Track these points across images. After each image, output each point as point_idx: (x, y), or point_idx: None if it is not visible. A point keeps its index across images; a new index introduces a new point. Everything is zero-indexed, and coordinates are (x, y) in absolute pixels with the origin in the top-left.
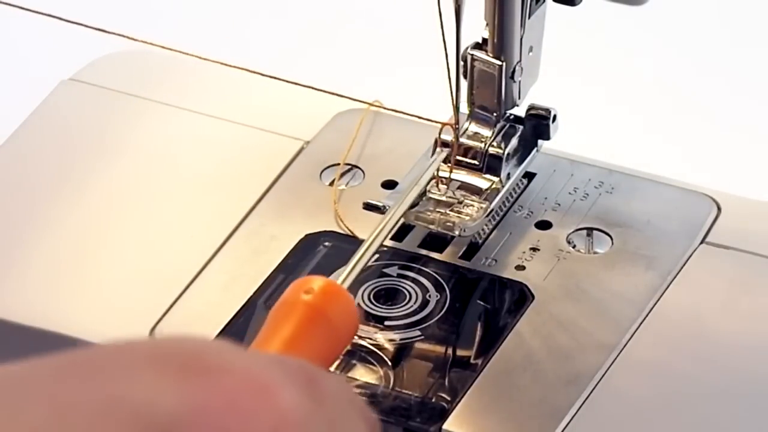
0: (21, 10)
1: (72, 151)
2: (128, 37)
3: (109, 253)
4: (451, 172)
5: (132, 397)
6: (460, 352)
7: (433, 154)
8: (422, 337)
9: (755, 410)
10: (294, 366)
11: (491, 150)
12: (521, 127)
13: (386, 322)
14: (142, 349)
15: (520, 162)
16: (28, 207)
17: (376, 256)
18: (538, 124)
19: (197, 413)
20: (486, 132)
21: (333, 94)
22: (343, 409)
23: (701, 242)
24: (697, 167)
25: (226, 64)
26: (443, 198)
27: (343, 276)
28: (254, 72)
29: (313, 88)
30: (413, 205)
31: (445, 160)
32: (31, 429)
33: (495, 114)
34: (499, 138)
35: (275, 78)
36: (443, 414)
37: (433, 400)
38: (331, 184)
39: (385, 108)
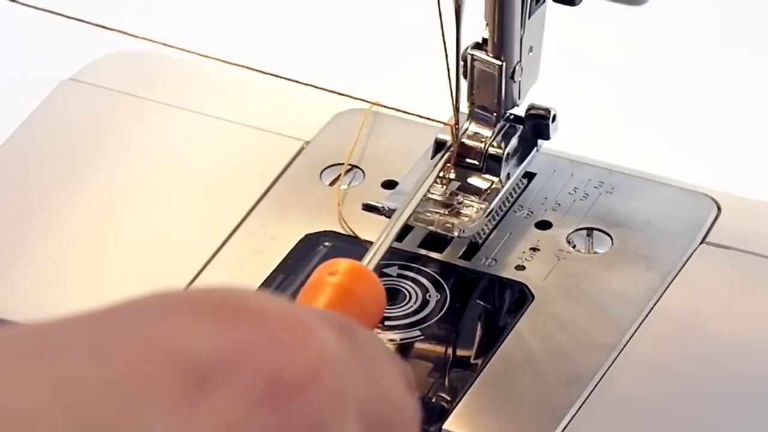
0: (21, 10)
1: (72, 151)
2: (130, 34)
3: (109, 252)
4: (447, 171)
5: (171, 340)
6: (460, 352)
7: (433, 155)
8: (422, 337)
9: (755, 410)
10: (328, 315)
11: (491, 150)
12: (521, 127)
13: (386, 322)
14: (177, 297)
15: (520, 162)
16: (28, 207)
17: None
18: (538, 124)
19: (237, 351)
20: (486, 132)
21: (334, 92)
22: (377, 356)
23: (701, 242)
24: (697, 167)
25: (226, 62)
26: (443, 198)
27: None
28: (254, 69)
29: (313, 86)
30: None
31: (448, 161)
32: (72, 375)
33: (495, 114)
34: (499, 138)
35: (276, 76)
36: (443, 414)
37: (433, 399)
38: (332, 184)
39: (386, 107)
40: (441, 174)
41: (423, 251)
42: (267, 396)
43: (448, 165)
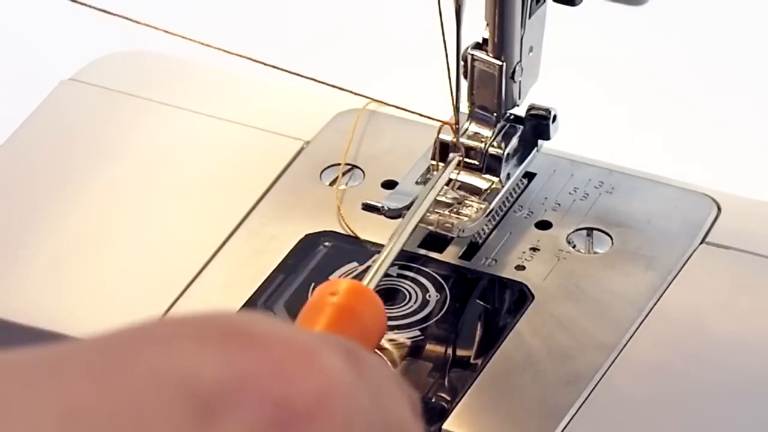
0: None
1: (72, 151)
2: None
3: (110, 252)
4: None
5: (176, 368)
6: (460, 352)
7: (433, 155)
8: (422, 337)
9: (755, 410)
10: (333, 339)
11: (491, 150)
12: (521, 127)
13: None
14: (181, 323)
15: (520, 162)
16: (28, 207)
17: (377, 255)
18: (539, 124)
19: (244, 379)
20: (486, 132)
21: (335, 87)
22: (383, 380)
23: (701, 242)
24: (697, 167)
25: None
26: (443, 198)
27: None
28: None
29: (314, 80)
30: (412, 205)
31: (444, 161)
32: (77, 405)
33: (495, 114)
34: (499, 138)
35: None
36: (443, 414)
37: (433, 399)
38: (332, 184)
39: (386, 104)
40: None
41: (423, 251)
42: (275, 425)
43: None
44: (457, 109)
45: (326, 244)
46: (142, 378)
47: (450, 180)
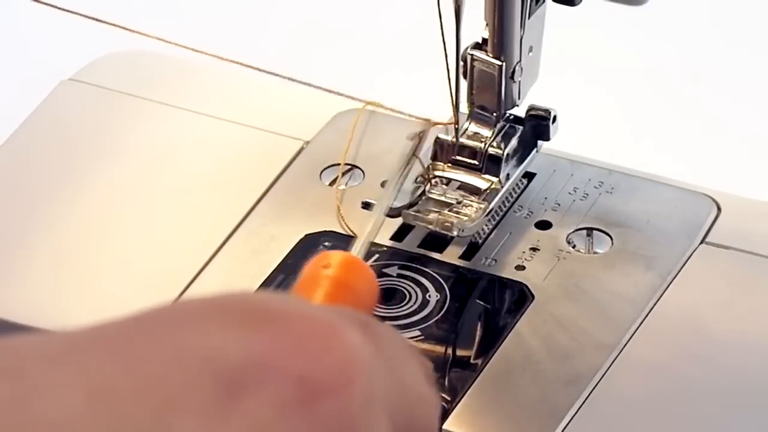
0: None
1: (72, 151)
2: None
3: (109, 252)
4: (427, 170)
5: (200, 347)
6: (459, 352)
7: (433, 155)
8: (422, 337)
9: (755, 410)
10: (349, 313)
11: (491, 150)
12: (521, 127)
13: (386, 322)
14: (203, 303)
15: (520, 162)
16: (28, 207)
17: (376, 255)
18: (538, 124)
19: (267, 355)
20: (486, 132)
21: (332, 92)
22: (399, 352)
23: (701, 242)
24: (696, 167)
25: (225, 60)
26: (442, 198)
27: None
28: (255, 68)
29: (312, 86)
30: (412, 204)
31: (440, 159)
32: (105, 383)
33: (495, 114)
34: (498, 138)
35: (276, 74)
36: (443, 414)
37: None
38: (332, 184)
39: (384, 108)
40: (438, 174)
41: (423, 251)
42: (299, 401)
43: (448, 165)
44: (456, 109)
45: (326, 244)
46: (168, 357)
47: (449, 181)
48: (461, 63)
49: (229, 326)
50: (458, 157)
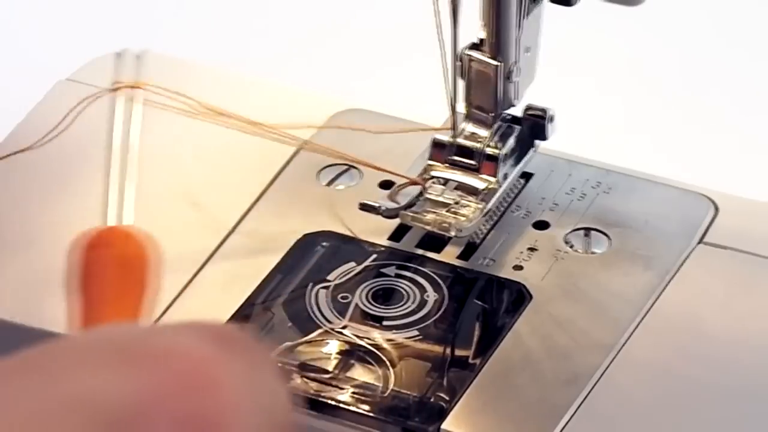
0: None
1: (70, 151)
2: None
3: None
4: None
5: (80, 393)
6: (458, 352)
7: (431, 155)
8: (420, 336)
9: (754, 410)
10: (214, 332)
11: (488, 150)
12: (518, 127)
13: (384, 322)
14: (79, 344)
15: (517, 162)
16: (27, 207)
17: (374, 256)
18: (535, 124)
19: (146, 399)
20: (483, 132)
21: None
22: (254, 356)
23: (699, 242)
24: (694, 167)
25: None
26: (440, 198)
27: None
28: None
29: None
30: (410, 205)
31: (441, 161)
32: None
33: (492, 114)
34: (496, 138)
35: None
36: (442, 414)
37: (432, 399)
38: (329, 184)
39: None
40: (435, 174)
41: (420, 251)
42: None
43: (445, 165)
44: (453, 109)
45: (324, 243)
46: (48, 401)
47: (447, 181)
48: (458, 63)
49: (110, 368)
50: (455, 158)
